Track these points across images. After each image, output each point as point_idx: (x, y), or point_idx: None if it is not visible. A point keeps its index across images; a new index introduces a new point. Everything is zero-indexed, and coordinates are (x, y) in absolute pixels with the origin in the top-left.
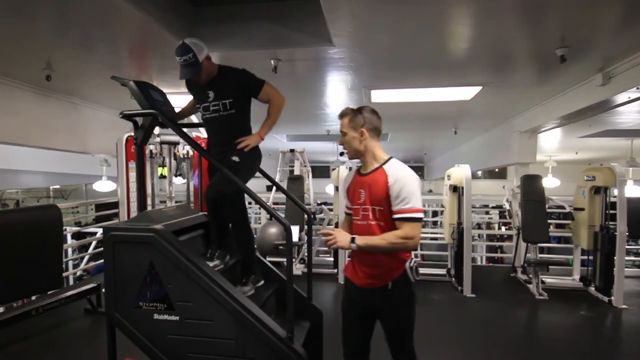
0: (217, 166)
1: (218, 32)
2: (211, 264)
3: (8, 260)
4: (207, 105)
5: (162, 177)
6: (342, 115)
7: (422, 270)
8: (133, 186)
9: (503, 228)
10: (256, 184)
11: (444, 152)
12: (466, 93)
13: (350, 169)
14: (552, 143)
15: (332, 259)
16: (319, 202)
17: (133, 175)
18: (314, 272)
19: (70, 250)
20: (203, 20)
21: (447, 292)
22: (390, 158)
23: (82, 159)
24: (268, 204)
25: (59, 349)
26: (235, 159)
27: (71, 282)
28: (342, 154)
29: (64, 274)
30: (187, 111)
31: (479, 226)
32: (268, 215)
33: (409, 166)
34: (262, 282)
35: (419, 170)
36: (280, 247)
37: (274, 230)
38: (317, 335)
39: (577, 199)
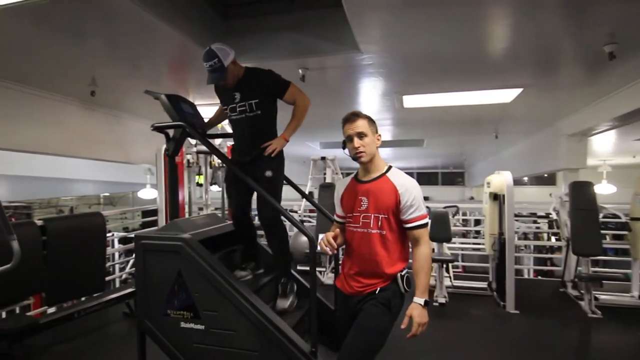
0: (249, 183)
1: (247, 44)
2: (241, 273)
3: (58, 264)
4: (234, 106)
5: (199, 185)
6: (357, 116)
7: (460, 283)
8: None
9: (553, 238)
10: (291, 191)
11: (486, 157)
12: (505, 96)
13: None
14: (605, 146)
15: None
16: None
17: None
18: None
19: (117, 255)
20: (233, 33)
21: (487, 308)
22: (391, 166)
23: (129, 168)
24: (300, 211)
25: (98, 352)
26: (269, 173)
27: (117, 284)
28: (355, 158)
29: (111, 277)
30: (215, 119)
31: (525, 236)
32: (304, 223)
33: (448, 172)
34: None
35: (459, 176)
36: None
37: (305, 238)
38: None
39: (634, 207)
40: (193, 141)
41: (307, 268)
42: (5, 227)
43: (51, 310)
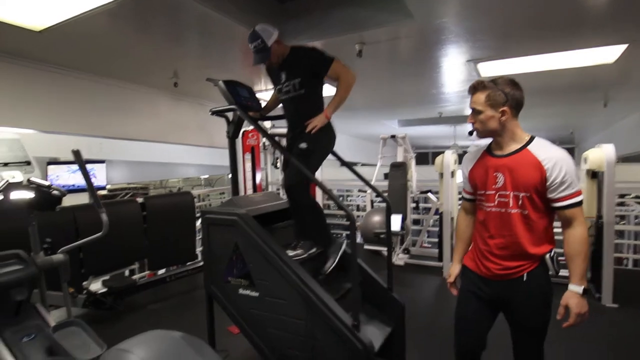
0: (286, 156)
1: (302, 25)
2: (292, 253)
3: (156, 235)
4: (281, 87)
5: (276, 167)
6: (474, 89)
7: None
8: (248, 175)
9: None
10: (366, 170)
11: (598, 130)
12: (606, 55)
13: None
14: None
15: (436, 250)
16: (423, 189)
17: (248, 165)
18: (418, 264)
19: None
20: (289, 16)
21: None
22: (533, 137)
23: (224, 152)
24: (369, 190)
25: (185, 311)
26: (303, 145)
27: None
28: (471, 133)
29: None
30: (273, 102)
31: None
32: (375, 202)
33: None
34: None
35: (569, 152)
36: (382, 236)
37: (377, 218)
38: (399, 330)
39: None
40: (268, 124)
41: (377, 248)
42: (96, 202)
43: (161, 271)
